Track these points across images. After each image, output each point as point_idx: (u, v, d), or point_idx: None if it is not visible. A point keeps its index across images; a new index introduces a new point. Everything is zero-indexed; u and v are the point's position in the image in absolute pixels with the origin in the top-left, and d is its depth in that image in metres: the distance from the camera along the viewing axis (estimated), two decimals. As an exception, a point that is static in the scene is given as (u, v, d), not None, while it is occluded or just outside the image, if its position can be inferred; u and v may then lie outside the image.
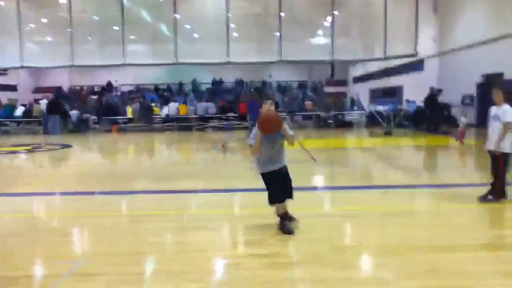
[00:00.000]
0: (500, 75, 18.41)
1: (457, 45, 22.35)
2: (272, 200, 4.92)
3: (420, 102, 23.43)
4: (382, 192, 7.04)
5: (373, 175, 9.18)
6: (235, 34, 26.45)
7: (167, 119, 23.54)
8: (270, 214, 5.17)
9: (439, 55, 24.49)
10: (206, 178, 8.90)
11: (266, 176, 4.97)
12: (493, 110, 6.11)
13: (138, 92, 30.52)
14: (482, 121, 19.91)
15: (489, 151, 6.12)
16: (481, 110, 20.13)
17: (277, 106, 24.25)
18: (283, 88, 33.57)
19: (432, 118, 18.18)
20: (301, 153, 8.08)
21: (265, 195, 4.93)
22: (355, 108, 26.46)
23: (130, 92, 31.80)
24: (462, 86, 21.37)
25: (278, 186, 4.90)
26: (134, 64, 26.81)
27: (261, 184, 5.00)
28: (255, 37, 27.21)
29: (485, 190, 6.35)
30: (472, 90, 20.75)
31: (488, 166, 6.27)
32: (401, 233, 4.88)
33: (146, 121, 23.16)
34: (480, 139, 15.24)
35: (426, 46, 25.19)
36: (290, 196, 4.98)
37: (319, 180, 8.85)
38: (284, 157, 5.08)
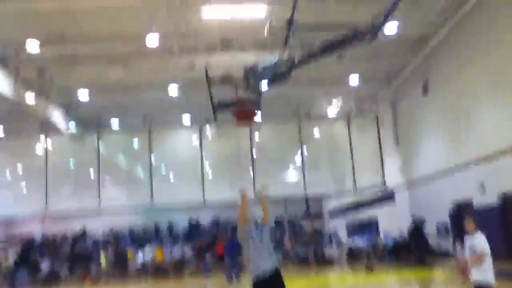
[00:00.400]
0: (469, 203, 18.97)
1: (421, 175, 23.31)
2: None
3: (396, 234, 23.58)
4: None
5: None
6: (210, 175, 27.15)
7: (142, 267, 22.60)
8: None
9: (407, 186, 25.34)
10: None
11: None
12: (468, 240, 6.17)
13: (112, 236, 29.72)
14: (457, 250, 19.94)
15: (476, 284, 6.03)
16: (456, 237, 20.29)
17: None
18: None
19: (419, 249, 17.67)
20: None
21: None
22: (333, 243, 26.27)
23: (104, 238, 30.97)
24: (435, 215, 21.79)
25: None
26: (109, 211, 26.63)
27: None
28: (229, 176, 27.93)
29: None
30: (447, 218, 21.13)
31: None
32: None
33: (120, 269, 22.19)
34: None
35: (394, 177, 26.16)
36: None
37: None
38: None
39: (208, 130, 28.15)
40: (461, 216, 19.85)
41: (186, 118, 27.27)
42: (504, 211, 16.99)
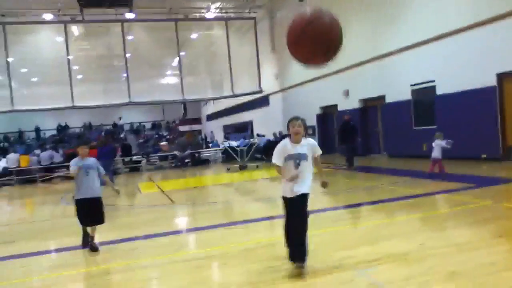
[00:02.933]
0: (335, 106, 20.59)
1: (295, 81, 24.46)
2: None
3: (268, 135, 24.93)
4: (243, 227, 7.18)
5: (235, 211, 9.35)
6: (79, 77, 25.14)
7: (5, 172, 21.03)
8: (129, 268, 4.86)
9: (281, 91, 26.46)
10: (54, 236, 8.10)
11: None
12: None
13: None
14: (325, 148, 21.93)
15: None
16: (322, 139, 22.19)
17: (129, 148, 23.41)
18: (135, 130, 32.77)
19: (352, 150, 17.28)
20: (157, 197, 7.87)
21: (122, 245, 4.64)
22: (211, 145, 26.97)
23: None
24: (304, 118, 23.27)
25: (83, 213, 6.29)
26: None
27: (117, 235, 4.69)
28: (101, 79, 26.25)
29: (338, 213, 6.88)
30: (313, 122, 22.78)
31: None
32: (263, 266, 4.99)
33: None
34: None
35: (270, 83, 27.06)
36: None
37: (181, 223, 8.71)
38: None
39: (75, 28, 25.57)
40: (327, 119, 21.66)
41: (48, 16, 24.33)
42: (363, 112, 18.85)
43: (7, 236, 8.46)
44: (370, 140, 18.76)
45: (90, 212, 6.28)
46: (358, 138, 15.30)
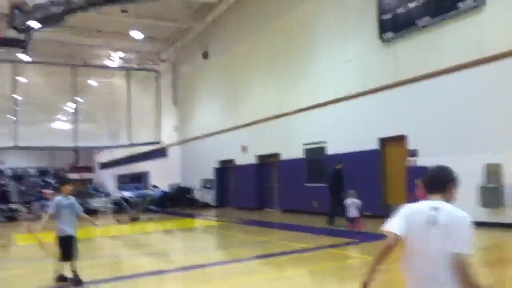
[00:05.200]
0: (232, 160, 20.91)
1: (194, 135, 24.58)
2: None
3: (166, 186, 24.48)
4: (131, 282, 6.77)
5: (122, 265, 8.80)
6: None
7: None
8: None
9: (180, 143, 26.35)
10: None
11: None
12: None
13: None
14: (221, 202, 21.99)
15: None
16: (220, 193, 22.27)
17: (5, 195, 21.30)
18: (19, 176, 30.15)
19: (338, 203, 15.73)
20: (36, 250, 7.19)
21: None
22: (102, 195, 25.63)
23: None
24: (202, 171, 23.32)
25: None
26: None
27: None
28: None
29: (230, 267, 6.78)
30: (211, 175, 22.83)
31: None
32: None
33: None
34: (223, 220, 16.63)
35: (169, 135, 26.89)
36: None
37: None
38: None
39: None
40: (224, 172, 21.80)
41: None
42: (260, 168, 19.36)
43: None
44: (266, 195, 19.19)
45: None
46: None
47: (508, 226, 9.67)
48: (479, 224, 10.10)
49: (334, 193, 12.10)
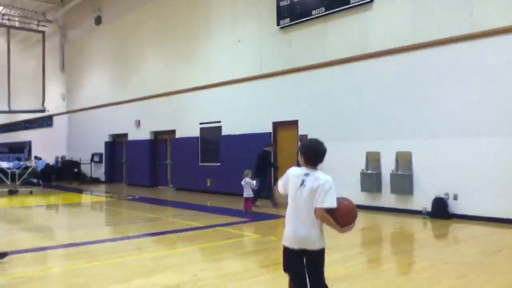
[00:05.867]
0: (125, 135, 20.21)
1: (83, 105, 23.24)
2: None
3: (49, 159, 22.92)
4: (6, 259, 6.27)
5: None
6: None
7: None
8: None
9: (67, 112, 24.76)
10: None
11: None
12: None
13: None
14: (112, 177, 21.20)
15: None
16: (110, 168, 21.44)
17: None
18: None
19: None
20: None
21: None
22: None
23: None
24: (91, 144, 22.20)
25: None
26: None
27: None
28: None
29: (116, 244, 6.61)
30: (101, 149, 21.84)
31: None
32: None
33: None
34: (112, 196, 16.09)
35: (55, 103, 25.08)
36: None
37: None
38: None
39: None
40: (115, 146, 21.03)
41: None
42: (153, 145, 18.98)
43: None
44: (159, 173, 18.90)
45: None
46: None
47: (384, 210, 10.70)
48: (360, 207, 11.07)
49: (259, 174, 11.84)
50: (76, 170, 22.31)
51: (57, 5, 24.14)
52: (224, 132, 15.31)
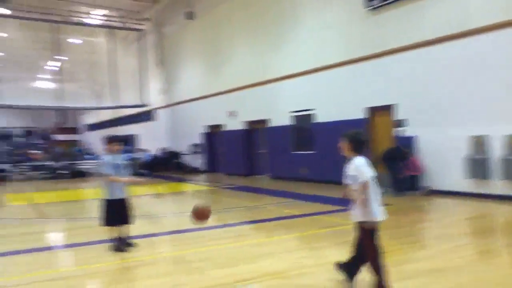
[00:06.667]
0: (220, 125, 20.92)
1: (181, 98, 24.38)
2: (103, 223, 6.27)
3: (155, 150, 24.45)
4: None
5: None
6: None
7: None
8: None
9: (167, 106, 26.15)
10: None
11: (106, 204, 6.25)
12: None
13: None
14: (210, 167, 22.11)
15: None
16: (209, 158, 22.36)
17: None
18: (5, 136, 29.77)
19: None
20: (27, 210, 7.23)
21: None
22: (89, 156, 25.56)
23: None
24: (190, 135, 23.32)
25: (112, 214, 6.20)
26: None
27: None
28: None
29: (218, 231, 6.96)
30: (197, 139, 22.84)
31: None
32: (137, 286, 4.87)
33: None
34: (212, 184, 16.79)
35: (155, 97, 26.60)
36: (125, 222, 6.36)
37: (53, 238, 8.09)
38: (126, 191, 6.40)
39: None
40: (212, 137, 21.87)
41: None
42: (248, 134, 19.42)
43: None
44: (255, 162, 19.30)
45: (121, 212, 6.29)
46: None
47: (495, 198, 9.94)
48: (464, 195, 10.35)
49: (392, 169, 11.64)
50: (177, 160, 23.60)
51: (151, 3, 25.41)
52: (317, 119, 15.21)
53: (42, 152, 23.13)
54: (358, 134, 4.29)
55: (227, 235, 7.55)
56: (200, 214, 5.43)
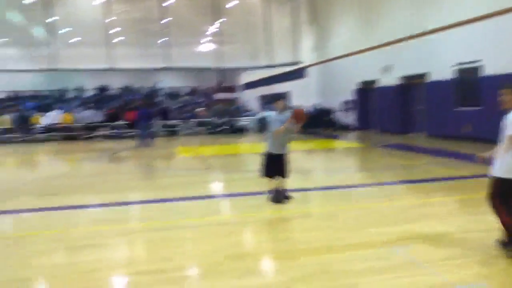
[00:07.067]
0: (374, 81, 20.15)
1: (334, 55, 23.95)
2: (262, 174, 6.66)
3: (306, 107, 24.68)
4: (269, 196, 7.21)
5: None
6: (118, 39, 25.41)
7: (48, 129, 21.77)
8: (165, 227, 5.04)
9: (319, 63, 26.00)
10: (95, 191, 8.40)
11: (267, 157, 6.63)
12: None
13: (14, 100, 27.98)
14: (363, 124, 21.65)
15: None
16: (361, 114, 21.87)
17: (165, 113, 23.73)
18: (172, 95, 33.13)
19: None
20: (194, 161, 7.99)
21: (159, 206, 4.78)
22: (246, 113, 27.02)
23: (4, 100, 28.99)
24: (342, 92, 22.97)
25: (271, 166, 6.55)
26: (5, 70, 24.50)
27: (155, 195, 4.83)
28: (140, 42, 26.53)
29: (373, 190, 6.85)
30: (349, 96, 22.39)
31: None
32: (295, 237, 5.07)
33: (24, 131, 21.30)
34: (366, 141, 16.53)
35: (307, 54, 26.63)
36: (281, 175, 6.60)
37: (216, 188, 8.87)
38: (287, 147, 6.72)
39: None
40: (366, 93, 21.24)
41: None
42: (403, 90, 18.38)
43: (51, 188, 8.83)
44: (410, 119, 18.31)
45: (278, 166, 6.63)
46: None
47: None
48: None
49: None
50: (329, 117, 23.57)
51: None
52: (485, 72, 13.61)
53: (204, 109, 25.16)
54: None
55: (380, 194, 7.36)
56: (297, 115, 6.35)
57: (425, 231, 4.96)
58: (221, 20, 27.60)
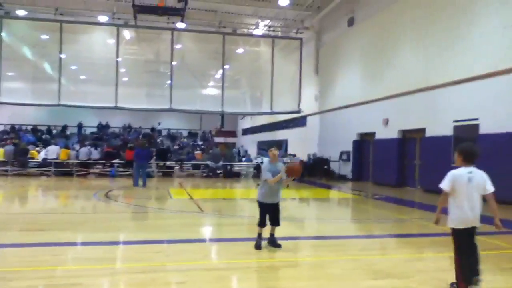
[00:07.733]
0: (373, 134, 20.35)
1: (334, 105, 24.32)
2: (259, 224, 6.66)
3: (302, 156, 24.83)
4: (266, 243, 7.12)
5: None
6: (124, 79, 25.82)
7: (44, 163, 21.74)
8: (153, 269, 4.94)
9: (319, 113, 26.35)
10: (84, 229, 8.29)
11: (260, 205, 6.71)
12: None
13: (13, 133, 28.12)
14: (359, 175, 21.67)
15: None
16: (357, 166, 21.94)
17: (164, 153, 23.79)
18: (172, 136, 33.36)
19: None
20: (187, 204, 7.95)
21: (148, 247, 4.71)
22: (243, 159, 27.10)
23: (3, 132, 29.13)
24: (340, 142, 23.13)
25: (263, 215, 6.64)
26: (10, 103, 24.73)
27: (145, 236, 4.78)
28: (146, 83, 26.93)
29: (367, 241, 6.75)
30: (349, 147, 22.52)
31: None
32: (283, 286, 4.97)
33: (20, 164, 21.27)
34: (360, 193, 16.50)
35: (309, 104, 27.04)
36: (273, 223, 6.70)
37: (207, 232, 8.77)
38: (279, 196, 6.81)
39: (127, 32, 26.41)
40: (364, 145, 21.34)
41: (103, 18, 25.45)
42: (402, 144, 18.54)
43: (40, 224, 8.72)
44: (406, 172, 18.36)
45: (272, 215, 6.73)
46: None
47: None
48: None
49: None
50: (325, 167, 23.64)
51: (314, 12, 26.02)
52: (483, 130, 13.79)
53: (201, 152, 25.25)
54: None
55: (371, 246, 7.29)
56: (291, 171, 6.68)
57: (414, 286, 4.87)
58: (226, 65, 28.18)
